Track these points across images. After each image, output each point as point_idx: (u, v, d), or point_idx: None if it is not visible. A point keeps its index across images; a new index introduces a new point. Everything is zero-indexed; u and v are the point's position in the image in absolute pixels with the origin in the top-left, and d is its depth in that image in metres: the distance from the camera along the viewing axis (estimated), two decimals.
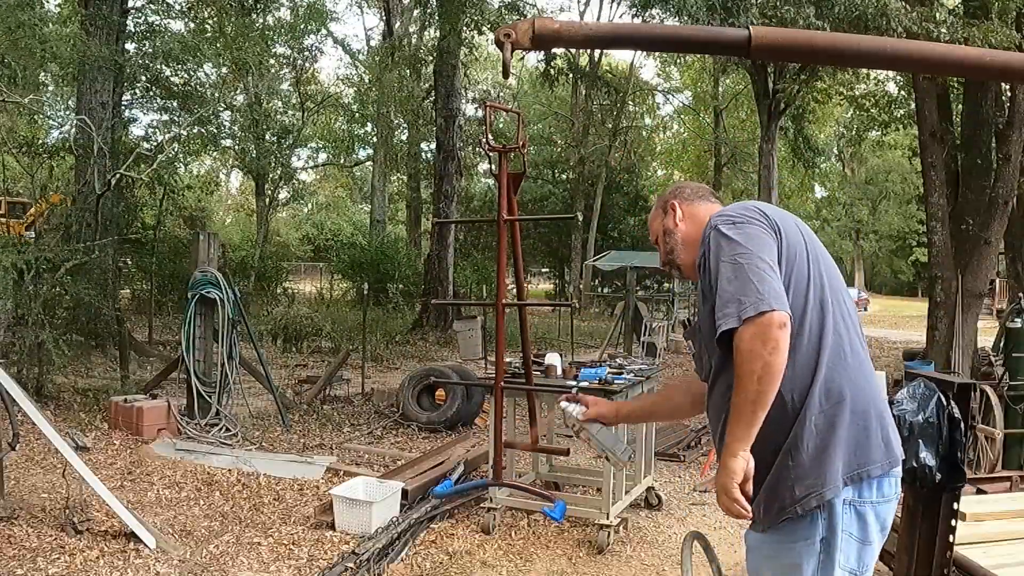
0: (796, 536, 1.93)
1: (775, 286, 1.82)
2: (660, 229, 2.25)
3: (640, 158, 34.36)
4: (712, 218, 2.02)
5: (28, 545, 4.49)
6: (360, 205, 41.98)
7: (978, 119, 10.46)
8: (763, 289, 1.80)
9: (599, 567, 4.65)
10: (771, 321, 1.77)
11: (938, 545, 2.66)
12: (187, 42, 12.85)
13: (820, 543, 1.91)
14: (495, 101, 22.11)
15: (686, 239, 2.17)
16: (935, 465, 2.44)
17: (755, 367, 1.76)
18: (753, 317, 1.77)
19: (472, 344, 12.44)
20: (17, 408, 4.76)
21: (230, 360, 7.33)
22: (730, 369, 1.88)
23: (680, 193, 2.25)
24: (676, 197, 2.24)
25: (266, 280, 19.84)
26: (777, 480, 1.92)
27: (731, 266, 1.86)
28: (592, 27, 1.84)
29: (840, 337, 1.95)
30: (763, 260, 1.86)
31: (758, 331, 1.76)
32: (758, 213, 1.98)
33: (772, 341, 1.76)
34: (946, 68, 1.88)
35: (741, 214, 1.98)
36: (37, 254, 8.11)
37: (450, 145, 16.61)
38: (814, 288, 1.95)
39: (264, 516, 5.26)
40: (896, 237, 46.11)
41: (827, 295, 1.97)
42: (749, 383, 1.78)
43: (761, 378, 1.76)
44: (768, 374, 1.77)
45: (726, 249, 1.89)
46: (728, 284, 1.84)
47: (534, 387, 5.01)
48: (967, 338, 10.00)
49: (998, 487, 4.45)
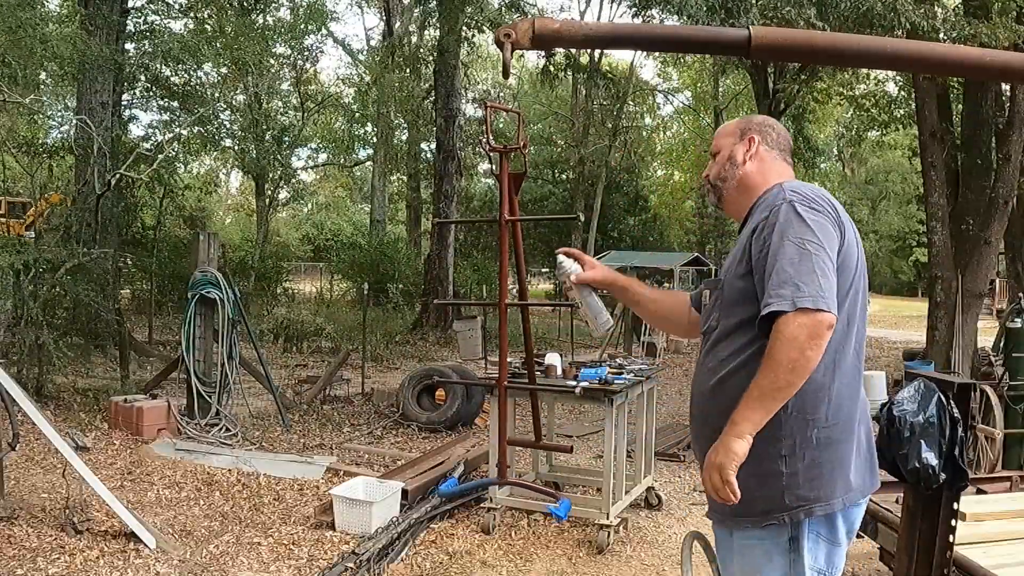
0: (764, 534, 1.92)
1: (833, 288, 1.77)
2: (727, 151, 2.11)
3: (640, 158, 34.35)
4: (787, 189, 1.92)
5: (28, 545, 4.49)
6: (360, 205, 41.99)
7: (978, 119, 10.47)
8: (824, 286, 1.74)
9: (599, 567, 4.65)
10: (823, 320, 1.73)
11: (938, 545, 2.66)
12: (186, 42, 12.84)
13: (789, 542, 1.90)
14: (495, 101, 22.12)
15: (744, 181, 2.07)
16: (938, 465, 2.44)
17: (794, 356, 1.71)
18: (809, 309, 1.72)
19: (472, 344, 12.44)
20: (17, 408, 4.76)
21: (230, 360, 7.34)
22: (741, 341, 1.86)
23: (766, 133, 2.10)
24: (760, 134, 2.09)
25: (266, 280, 19.84)
26: (764, 482, 1.89)
27: (798, 249, 1.78)
28: (592, 27, 1.84)
29: (857, 357, 1.94)
30: (830, 258, 1.80)
31: (810, 324, 1.71)
32: (831, 207, 1.91)
33: (817, 339, 1.72)
34: (946, 68, 1.88)
35: (819, 200, 1.89)
36: (37, 254, 8.11)
37: (450, 145, 16.61)
38: (850, 302, 1.90)
39: (264, 516, 5.26)
40: (896, 237, 46.07)
41: (856, 312, 1.93)
42: (782, 370, 1.73)
43: (795, 369, 1.72)
44: (804, 368, 1.73)
45: (797, 229, 1.81)
46: (789, 265, 1.76)
47: (537, 386, 5.01)
48: (967, 338, 10.01)
49: (998, 487, 4.45)
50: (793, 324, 1.71)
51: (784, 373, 1.72)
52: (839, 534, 1.94)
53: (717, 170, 2.12)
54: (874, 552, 4.13)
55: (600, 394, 4.96)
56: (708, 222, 30.82)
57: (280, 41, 18.10)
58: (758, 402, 1.76)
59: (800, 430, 1.87)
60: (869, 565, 4.53)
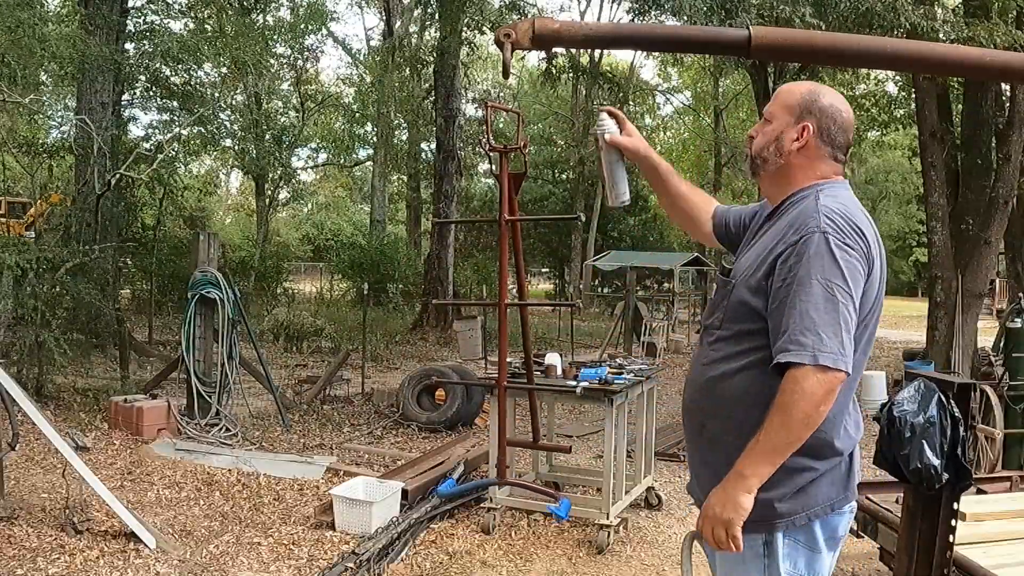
0: None
1: (852, 342, 1.75)
2: (778, 128, 1.95)
3: None
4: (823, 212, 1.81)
5: (28, 545, 4.49)
6: (360, 205, 41.97)
7: (978, 119, 10.47)
8: (846, 342, 1.72)
9: (599, 567, 4.65)
10: (839, 379, 1.71)
11: (938, 545, 2.66)
12: (186, 41, 12.84)
13: (763, 547, 1.91)
14: (495, 101, 22.11)
15: (784, 171, 1.95)
16: (940, 465, 2.44)
17: (810, 412, 1.70)
18: (829, 367, 1.69)
19: (472, 344, 12.45)
20: (17, 408, 4.76)
21: (230, 360, 7.34)
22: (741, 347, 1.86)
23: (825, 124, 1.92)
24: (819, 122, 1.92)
25: (266, 280, 19.84)
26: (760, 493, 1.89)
27: (825, 293, 1.72)
28: (592, 27, 1.84)
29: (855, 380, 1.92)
30: (855, 309, 1.76)
31: (827, 383, 1.69)
32: (864, 240, 1.82)
33: (832, 395, 1.71)
34: (946, 68, 1.89)
35: (854, 234, 1.80)
36: (37, 254, 8.11)
37: (450, 145, 16.62)
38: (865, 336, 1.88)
39: (264, 516, 5.26)
40: (896, 237, 46.07)
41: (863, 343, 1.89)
42: (796, 425, 1.71)
43: (808, 424, 1.71)
44: (815, 423, 1.72)
45: (827, 269, 1.74)
46: (814, 311, 1.71)
47: (536, 387, 5.01)
48: (967, 338, 10.01)
49: (998, 487, 4.45)
50: (812, 379, 1.69)
51: (798, 428, 1.71)
52: (818, 541, 1.93)
53: (761, 144, 1.98)
54: (874, 552, 4.13)
55: (600, 394, 4.96)
56: None
57: (280, 41, 18.10)
58: (769, 456, 1.75)
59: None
60: (869, 565, 4.53)
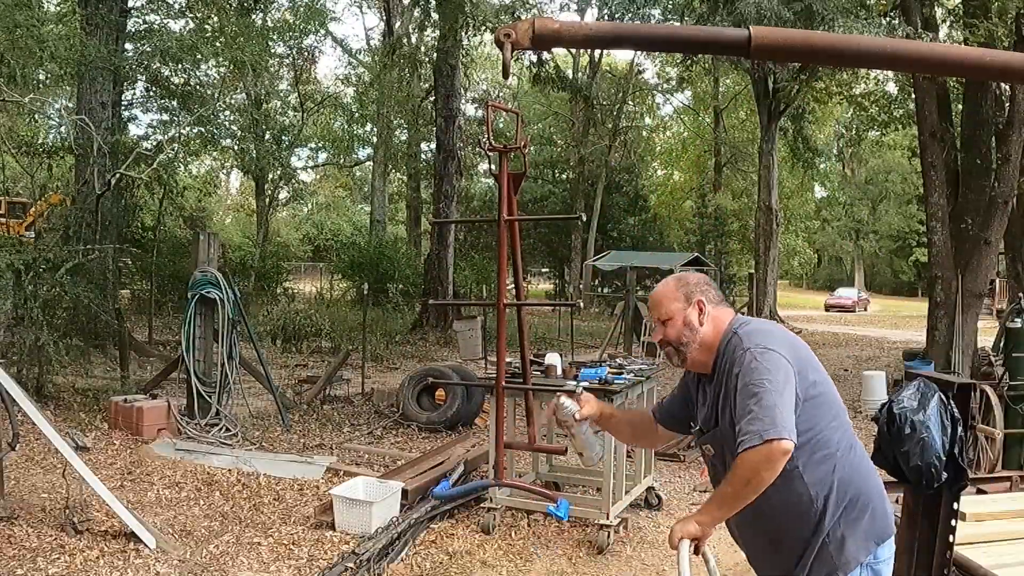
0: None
1: (790, 415, 2.08)
2: (680, 318, 2.34)
3: (640, 158, 34.34)
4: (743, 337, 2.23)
5: (28, 545, 4.49)
6: (360, 205, 41.96)
7: (978, 119, 10.47)
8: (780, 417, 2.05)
9: (599, 567, 4.65)
10: (779, 447, 2.03)
11: (938, 545, 2.66)
12: (185, 41, 12.83)
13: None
14: (495, 101, 22.11)
15: (704, 341, 2.33)
16: (940, 465, 2.44)
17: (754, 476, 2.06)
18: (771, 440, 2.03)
19: (472, 344, 12.45)
20: (17, 408, 4.76)
21: (230, 360, 7.33)
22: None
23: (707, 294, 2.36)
24: (704, 295, 2.35)
25: (266, 280, 19.84)
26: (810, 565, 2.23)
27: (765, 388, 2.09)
28: (592, 27, 1.84)
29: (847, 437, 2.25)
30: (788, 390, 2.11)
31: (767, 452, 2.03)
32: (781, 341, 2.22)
33: (773, 463, 2.04)
34: (946, 68, 1.88)
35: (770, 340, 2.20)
36: (36, 254, 8.10)
37: (450, 145, 16.62)
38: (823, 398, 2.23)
39: (264, 516, 5.26)
40: (896, 237, 46.08)
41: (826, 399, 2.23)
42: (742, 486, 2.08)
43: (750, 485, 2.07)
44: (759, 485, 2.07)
45: (760, 373, 2.12)
46: (756, 405, 2.07)
47: (534, 387, 5.01)
48: (967, 338, 10.01)
49: (998, 487, 4.45)
50: (755, 457, 2.05)
51: (743, 488, 2.08)
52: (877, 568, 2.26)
53: (676, 335, 2.34)
54: None
55: (600, 394, 4.96)
56: (708, 222, 30.81)
57: (280, 41, 18.10)
58: (719, 504, 2.16)
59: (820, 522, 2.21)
60: None
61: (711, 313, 2.33)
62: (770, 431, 2.03)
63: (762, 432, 2.04)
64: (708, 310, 2.33)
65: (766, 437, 2.03)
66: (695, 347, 2.34)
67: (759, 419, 2.05)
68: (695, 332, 2.32)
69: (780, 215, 23.12)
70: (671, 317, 2.35)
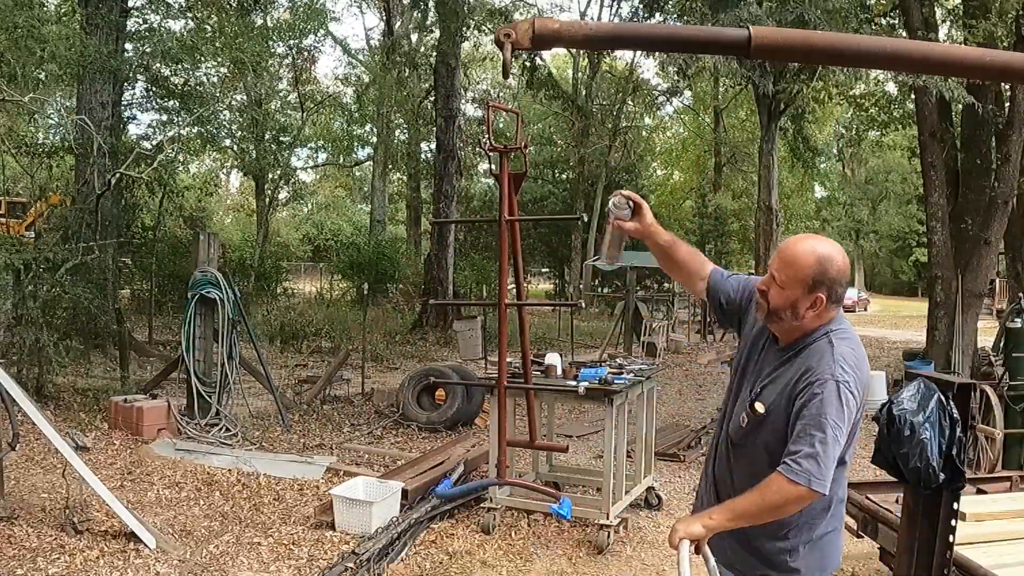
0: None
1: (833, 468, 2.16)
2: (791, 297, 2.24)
3: (640, 158, 34.32)
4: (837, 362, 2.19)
5: (28, 545, 4.49)
6: (360, 205, 41.95)
7: (978, 119, 10.46)
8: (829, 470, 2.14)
9: (599, 567, 4.65)
10: (815, 496, 2.14)
11: (938, 545, 2.66)
12: (186, 41, 12.82)
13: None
14: (495, 101, 22.11)
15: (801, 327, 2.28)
16: (938, 465, 2.44)
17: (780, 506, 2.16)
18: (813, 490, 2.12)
19: (472, 344, 12.45)
20: (17, 408, 4.76)
21: (230, 360, 7.33)
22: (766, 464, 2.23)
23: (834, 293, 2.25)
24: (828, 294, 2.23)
25: (266, 280, 19.82)
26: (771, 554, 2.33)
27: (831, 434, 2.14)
28: (592, 27, 1.84)
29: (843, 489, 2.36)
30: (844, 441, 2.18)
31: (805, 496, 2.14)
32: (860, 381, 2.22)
33: (802, 503, 2.16)
34: (946, 68, 1.88)
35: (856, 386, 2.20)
36: (36, 254, 8.10)
37: (450, 145, 16.61)
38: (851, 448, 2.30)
39: (264, 516, 5.26)
40: (896, 237, 46.08)
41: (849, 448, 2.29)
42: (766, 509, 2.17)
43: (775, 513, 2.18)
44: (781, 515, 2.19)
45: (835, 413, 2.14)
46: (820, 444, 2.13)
47: (535, 387, 5.01)
48: (967, 338, 10.01)
49: (998, 487, 4.45)
50: (795, 493, 2.13)
51: (766, 512, 2.17)
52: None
53: (778, 306, 2.26)
54: (874, 552, 4.13)
55: (600, 394, 4.96)
56: (708, 222, 30.79)
57: (280, 41, 18.08)
58: (734, 515, 2.20)
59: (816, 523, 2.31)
60: (869, 565, 4.53)
61: (821, 311, 2.24)
62: (817, 482, 2.11)
63: (811, 477, 2.11)
64: (822, 308, 2.23)
65: (812, 485, 2.11)
66: (788, 327, 2.28)
67: (815, 461, 2.10)
68: (796, 318, 2.25)
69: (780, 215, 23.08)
70: (784, 288, 2.24)
